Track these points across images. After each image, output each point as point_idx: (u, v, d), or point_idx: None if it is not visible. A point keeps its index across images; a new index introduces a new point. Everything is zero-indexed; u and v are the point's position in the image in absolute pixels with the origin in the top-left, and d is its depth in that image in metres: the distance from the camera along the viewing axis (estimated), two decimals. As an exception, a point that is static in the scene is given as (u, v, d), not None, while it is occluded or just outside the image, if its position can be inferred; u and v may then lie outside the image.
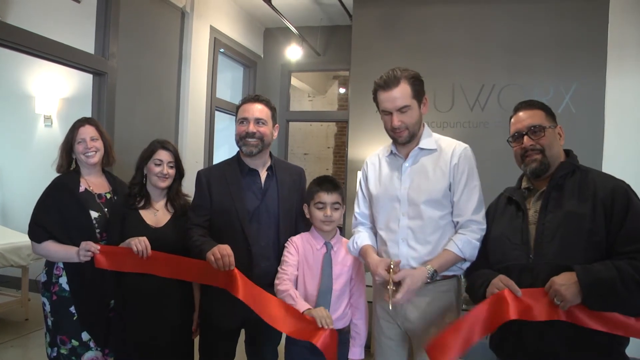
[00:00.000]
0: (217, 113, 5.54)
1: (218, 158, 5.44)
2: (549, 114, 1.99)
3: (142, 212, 2.50)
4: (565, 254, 1.78)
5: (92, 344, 2.49)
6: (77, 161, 2.62)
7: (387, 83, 2.13)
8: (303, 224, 2.49)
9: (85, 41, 3.88)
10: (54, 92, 5.49)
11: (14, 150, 5.73)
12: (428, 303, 2.12)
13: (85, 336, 2.48)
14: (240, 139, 2.40)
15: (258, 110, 2.42)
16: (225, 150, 5.98)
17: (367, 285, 2.42)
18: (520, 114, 2.01)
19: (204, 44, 5.08)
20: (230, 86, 6.36)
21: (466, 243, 2.04)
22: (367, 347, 4.25)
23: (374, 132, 4.40)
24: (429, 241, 2.10)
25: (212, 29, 5.18)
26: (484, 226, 2.08)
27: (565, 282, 1.69)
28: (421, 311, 2.12)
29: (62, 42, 3.53)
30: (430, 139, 2.19)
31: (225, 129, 6.02)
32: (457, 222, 2.11)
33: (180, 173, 2.61)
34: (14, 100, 5.69)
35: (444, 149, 2.16)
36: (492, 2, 4.25)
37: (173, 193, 2.58)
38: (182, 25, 4.82)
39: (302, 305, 2.08)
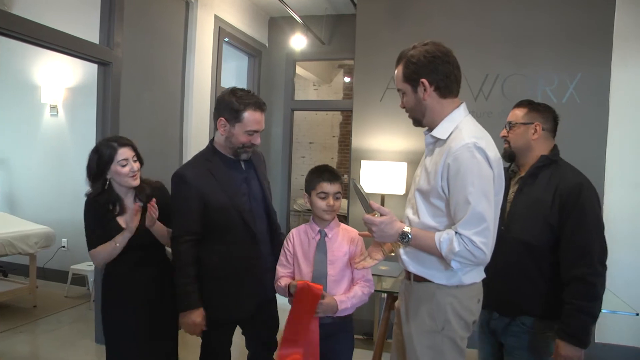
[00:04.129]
0: (222, 102, 5.53)
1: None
2: (531, 111, 2.34)
3: (119, 220, 2.44)
4: (527, 231, 2.19)
5: None
6: None
7: (396, 61, 1.97)
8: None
9: (90, 31, 3.89)
10: (59, 82, 5.53)
11: (20, 140, 5.79)
12: (409, 307, 2.02)
13: None
14: (244, 146, 2.39)
15: (263, 120, 2.42)
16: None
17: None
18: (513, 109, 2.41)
19: (209, 33, 5.08)
20: (235, 75, 6.36)
21: (448, 242, 1.78)
22: (370, 335, 4.31)
23: (378, 122, 4.41)
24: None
25: (217, 18, 5.18)
26: (478, 253, 1.76)
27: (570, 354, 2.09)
28: (405, 316, 2.05)
29: (67, 32, 3.54)
30: (447, 126, 1.90)
31: (230, 118, 6.02)
32: None
33: (141, 163, 2.52)
34: (20, 90, 5.74)
35: (449, 141, 1.85)
36: (497, -9, 4.22)
37: (140, 185, 2.50)
38: (187, 14, 4.82)
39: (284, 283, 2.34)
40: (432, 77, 1.88)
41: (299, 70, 7.14)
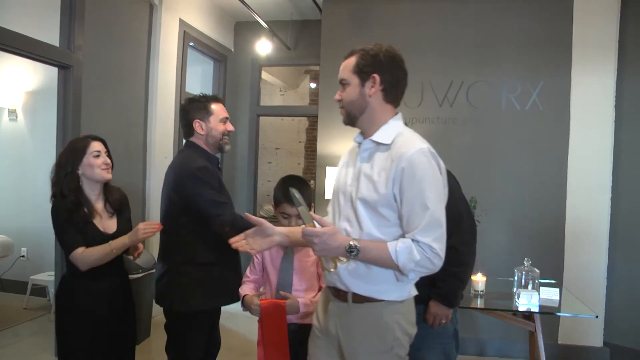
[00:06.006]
0: (187, 107, 5.46)
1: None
2: None
3: (96, 222, 2.35)
4: None
5: None
6: None
7: (347, 54, 1.95)
8: None
9: (49, 33, 3.79)
10: (18, 86, 5.37)
11: (-23, 145, 5.59)
12: (348, 331, 1.84)
13: None
14: (224, 136, 2.60)
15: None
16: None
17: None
18: None
19: (173, 37, 5.01)
20: (201, 80, 6.29)
21: (406, 251, 1.67)
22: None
23: (344, 128, 4.39)
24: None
25: (182, 22, 5.12)
26: (436, 260, 1.68)
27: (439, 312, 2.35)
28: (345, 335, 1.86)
29: (25, 35, 3.44)
30: (389, 132, 1.83)
31: (195, 123, 5.95)
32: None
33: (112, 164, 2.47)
34: (-24, 94, 5.55)
35: (398, 147, 1.76)
36: (461, 0, 4.29)
37: (109, 189, 2.46)
38: (151, 17, 4.74)
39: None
40: (384, 76, 1.85)
41: (265, 75, 7.11)
